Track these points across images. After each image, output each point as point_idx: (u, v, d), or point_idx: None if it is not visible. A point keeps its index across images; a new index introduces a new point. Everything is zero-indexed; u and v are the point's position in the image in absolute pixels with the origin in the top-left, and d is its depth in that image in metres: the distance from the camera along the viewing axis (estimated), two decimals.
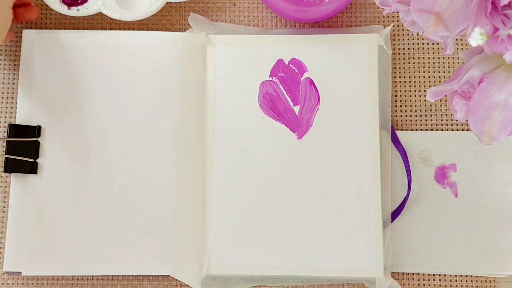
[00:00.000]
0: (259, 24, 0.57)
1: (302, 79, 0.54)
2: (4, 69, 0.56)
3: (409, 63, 0.56)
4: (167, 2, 0.54)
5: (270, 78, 0.54)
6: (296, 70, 0.54)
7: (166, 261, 0.52)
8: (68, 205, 0.53)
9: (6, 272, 0.52)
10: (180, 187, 0.52)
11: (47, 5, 0.54)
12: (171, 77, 0.54)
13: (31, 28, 0.57)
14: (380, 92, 0.54)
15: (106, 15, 0.55)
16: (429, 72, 0.55)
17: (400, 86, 0.55)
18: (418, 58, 0.56)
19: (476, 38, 0.30)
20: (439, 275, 0.52)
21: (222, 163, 0.53)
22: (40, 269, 0.52)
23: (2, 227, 0.53)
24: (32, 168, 0.53)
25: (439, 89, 0.38)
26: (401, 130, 0.54)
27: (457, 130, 0.54)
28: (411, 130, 0.54)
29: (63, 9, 0.54)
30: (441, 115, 0.55)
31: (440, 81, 0.55)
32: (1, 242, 0.53)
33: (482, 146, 0.53)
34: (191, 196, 0.52)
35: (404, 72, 0.56)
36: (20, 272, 0.52)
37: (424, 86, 0.55)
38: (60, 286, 0.53)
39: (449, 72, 0.55)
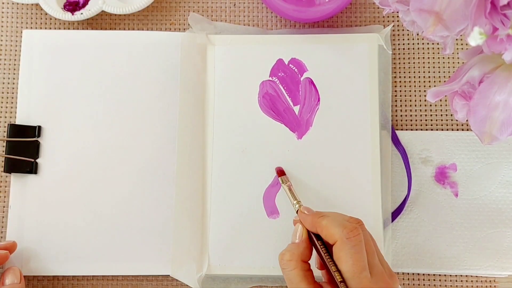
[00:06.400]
0: (259, 24, 0.57)
1: (302, 79, 0.54)
2: (4, 69, 0.56)
3: (409, 63, 0.56)
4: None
5: (270, 78, 0.54)
6: (296, 70, 0.54)
7: (166, 261, 0.52)
8: (68, 205, 0.53)
9: None
10: (180, 187, 0.52)
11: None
12: (171, 77, 0.54)
13: (31, 28, 0.57)
14: (380, 92, 0.54)
15: (105, 16, 0.56)
16: (429, 72, 0.55)
17: (400, 86, 0.55)
18: (418, 58, 0.56)
19: (475, 38, 0.30)
20: (439, 275, 0.52)
21: (222, 163, 0.53)
22: (40, 269, 0.52)
23: (2, 227, 0.53)
24: (32, 168, 0.53)
25: (440, 90, 0.38)
26: (401, 130, 0.54)
27: (457, 130, 0.54)
28: (411, 130, 0.54)
29: (67, 16, 0.54)
30: (441, 115, 0.55)
31: (440, 81, 0.55)
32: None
33: (482, 146, 0.53)
34: (191, 196, 0.52)
35: (404, 72, 0.56)
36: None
37: (424, 86, 0.55)
38: (60, 286, 0.53)
39: (449, 72, 0.55)
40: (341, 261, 0.39)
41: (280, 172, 0.51)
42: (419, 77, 0.55)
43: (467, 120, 0.38)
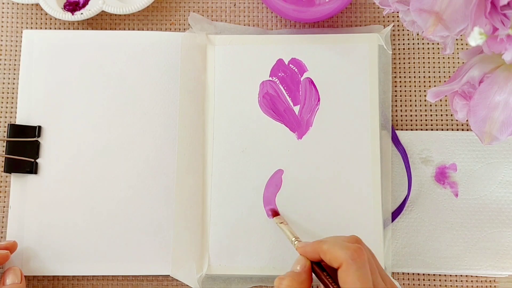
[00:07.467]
0: (259, 24, 0.57)
1: (302, 79, 0.54)
2: (4, 69, 0.56)
3: (409, 63, 0.56)
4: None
5: (270, 78, 0.54)
6: (296, 70, 0.54)
7: (166, 261, 0.52)
8: (68, 205, 0.53)
9: None
10: (180, 187, 0.52)
11: None
12: (171, 77, 0.54)
13: (31, 28, 0.57)
14: (380, 92, 0.54)
15: (105, 16, 0.55)
16: (429, 72, 0.55)
17: (400, 86, 0.55)
18: (418, 58, 0.56)
19: (475, 38, 0.30)
20: (439, 275, 0.52)
21: (222, 163, 0.53)
22: (40, 269, 0.52)
23: (2, 227, 0.53)
24: (32, 168, 0.53)
25: (440, 90, 0.38)
26: (401, 130, 0.54)
27: (457, 130, 0.54)
28: (411, 130, 0.54)
29: (67, 16, 0.54)
30: (441, 115, 0.55)
31: (440, 81, 0.55)
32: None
33: (482, 146, 0.53)
34: (191, 196, 0.52)
35: (404, 72, 0.56)
36: None
37: (424, 86, 0.55)
38: (60, 286, 0.53)
39: (449, 72, 0.55)
40: (348, 285, 0.38)
41: (274, 213, 0.51)
42: (419, 77, 0.55)
43: (467, 120, 0.38)
